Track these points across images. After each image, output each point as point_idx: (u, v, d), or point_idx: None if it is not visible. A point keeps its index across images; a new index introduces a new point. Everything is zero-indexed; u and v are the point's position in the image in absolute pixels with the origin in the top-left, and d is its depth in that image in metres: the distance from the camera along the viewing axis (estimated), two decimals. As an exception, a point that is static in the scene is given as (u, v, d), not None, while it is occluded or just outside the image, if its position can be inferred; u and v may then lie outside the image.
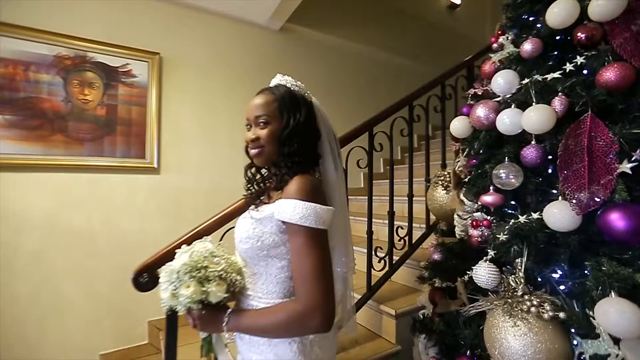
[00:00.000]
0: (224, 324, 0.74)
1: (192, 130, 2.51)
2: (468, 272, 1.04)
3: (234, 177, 2.64)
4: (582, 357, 0.73)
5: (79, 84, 2.15)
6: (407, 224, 1.70)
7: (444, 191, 1.19)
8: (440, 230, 1.40)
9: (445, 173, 1.21)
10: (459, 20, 4.20)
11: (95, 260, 2.13)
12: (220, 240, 1.08)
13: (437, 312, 1.07)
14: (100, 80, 2.21)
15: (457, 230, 1.12)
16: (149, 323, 2.27)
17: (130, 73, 2.30)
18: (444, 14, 4.12)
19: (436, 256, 1.35)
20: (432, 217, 1.79)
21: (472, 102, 1.21)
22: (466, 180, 1.10)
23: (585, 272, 0.77)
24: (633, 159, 0.74)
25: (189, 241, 1.10)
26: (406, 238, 1.67)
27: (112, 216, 2.20)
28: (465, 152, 1.25)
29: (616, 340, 0.68)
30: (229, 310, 0.75)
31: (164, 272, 0.75)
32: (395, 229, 1.64)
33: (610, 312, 0.65)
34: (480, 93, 1.16)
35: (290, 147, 0.77)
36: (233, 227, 1.22)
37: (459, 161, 1.29)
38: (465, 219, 1.05)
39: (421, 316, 1.21)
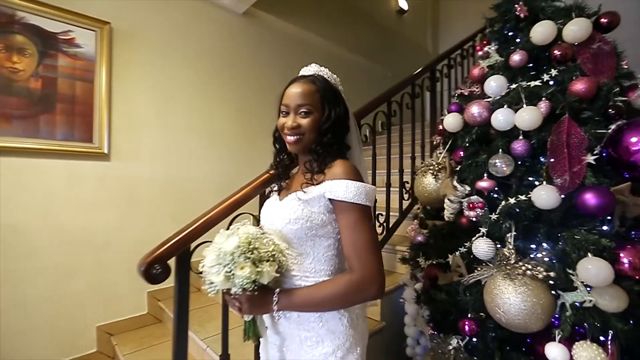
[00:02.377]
0: (274, 304, 0.74)
1: (147, 113, 2.27)
2: (460, 249, 1.21)
3: (191, 165, 2.47)
4: (563, 306, 0.93)
5: (5, 48, 1.77)
6: (384, 212, 1.84)
7: (434, 178, 1.34)
8: (421, 215, 1.56)
9: (434, 163, 1.36)
10: (406, 25, 4.56)
11: (30, 261, 1.81)
12: (229, 226, 1.04)
13: (438, 284, 1.21)
14: (34, 47, 1.85)
15: (447, 213, 1.28)
16: (98, 328, 2.03)
17: (73, 42, 1.97)
18: (393, 18, 4.42)
19: (420, 238, 1.51)
20: (404, 205, 1.97)
21: (457, 101, 1.38)
22: (457, 169, 1.26)
23: (560, 241, 0.98)
24: (595, 152, 0.97)
25: (199, 229, 1.05)
26: (384, 224, 1.81)
27: (50, 208, 1.89)
28: (448, 146, 1.43)
29: (588, 291, 0.90)
30: (277, 289, 0.76)
31: (214, 255, 0.72)
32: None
33: (590, 268, 0.85)
34: (466, 94, 1.33)
35: (328, 137, 0.82)
36: (241, 214, 1.19)
37: (441, 153, 1.46)
38: (457, 203, 1.21)
39: (420, 290, 1.35)
